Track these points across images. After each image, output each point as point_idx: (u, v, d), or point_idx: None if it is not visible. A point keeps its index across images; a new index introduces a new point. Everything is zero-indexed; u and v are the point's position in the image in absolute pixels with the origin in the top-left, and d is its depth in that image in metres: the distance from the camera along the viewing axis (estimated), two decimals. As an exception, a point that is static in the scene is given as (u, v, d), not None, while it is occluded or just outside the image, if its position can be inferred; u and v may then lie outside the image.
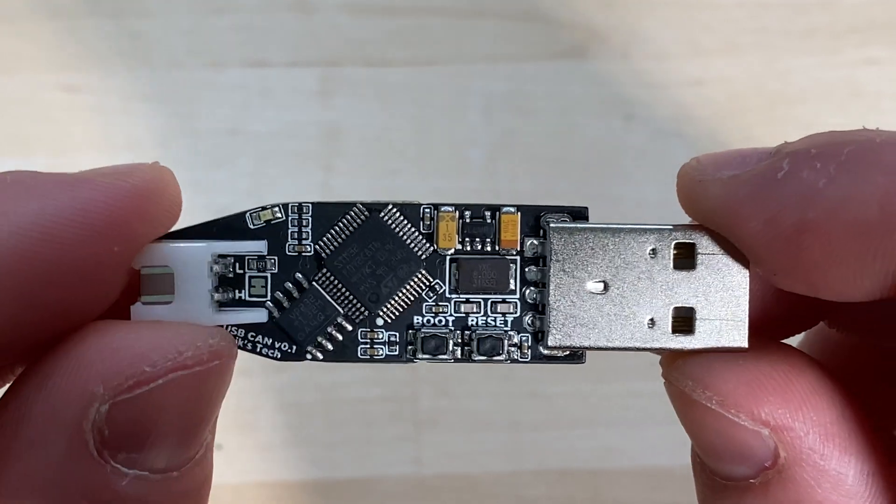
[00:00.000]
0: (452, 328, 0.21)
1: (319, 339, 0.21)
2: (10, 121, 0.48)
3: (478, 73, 0.49)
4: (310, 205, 0.21)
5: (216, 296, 0.20)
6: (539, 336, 0.21)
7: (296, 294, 0.21)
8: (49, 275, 0.18)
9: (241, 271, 0.21)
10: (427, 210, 0.21)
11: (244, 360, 0.20)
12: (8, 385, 0.19)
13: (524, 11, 0.49)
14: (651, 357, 0.53)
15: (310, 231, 0.21)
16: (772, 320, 0.21)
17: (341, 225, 0.21)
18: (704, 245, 0.20)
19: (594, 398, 0.47)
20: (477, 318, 0.21)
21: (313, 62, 0.49)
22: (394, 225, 0.21)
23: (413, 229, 0.21)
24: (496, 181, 0.48)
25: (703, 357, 0.20)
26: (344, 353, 0.21)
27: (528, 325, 0.21)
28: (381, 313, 0.21)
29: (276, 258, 0.21)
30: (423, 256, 0.21)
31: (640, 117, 0.48)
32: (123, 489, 0.17)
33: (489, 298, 0.21)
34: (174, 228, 0.20)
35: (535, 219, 0.21)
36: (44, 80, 0.48)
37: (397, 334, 0.21)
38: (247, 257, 0.21)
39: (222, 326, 0.20)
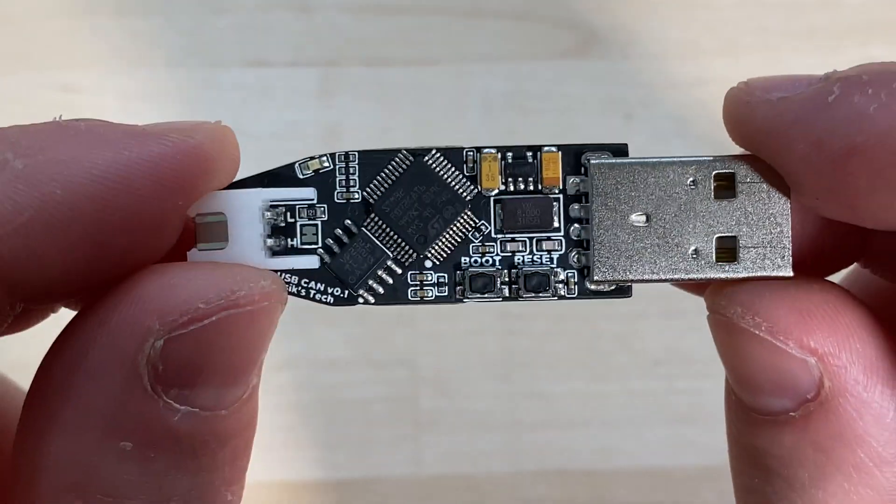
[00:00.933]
0: (500, 267, 0.21)
1: (370, 282, 0.21)
2: (10, 121, 0.48)
3: (478, 73, 0.49)
4: (356, 153, 0.21)
5: (269, 241, 0.21)
6: (585, 272, 0.21)
7: (346, 239, 0.21)
8: (117, 221, 0.18)
9: (293, 220, 0.21)
10: (470, 153, 0.21)
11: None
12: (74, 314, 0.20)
13: (524, 11, 0.49)
14: (651, 356, 0.52)
15: (357, 178, 0.21)
16: (807, 256, 0.21)
17: (387, 171, 0.21)
18: (744, 174, 0.20)
19: (594, 398, 0.47)
20: (523, 256, 0.21)
21: (313, 62, 0.49)
22: (438, 168, 0.21)
23: (456, 172, 0.21)
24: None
25: (753, 284, 0.20)
26: (395, 295, 0.21)
27: (574, 261, 0.21)
28: (430, 255, 0.21)
29: (325, 206, 0.21)
30: (468, 198, 0.21)
31: (640, 117, 0.48)
32: (175, 424, 0.18)
33: (534, 236, 0.21)
34: None
35: (575, 157, 0.21)
36: (44, 80, 0.48)
37: (445, 275, 0.21)
38: (297, 206, 0.21)
39: (275, 272, 0.21)
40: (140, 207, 0.19)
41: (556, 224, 0.21)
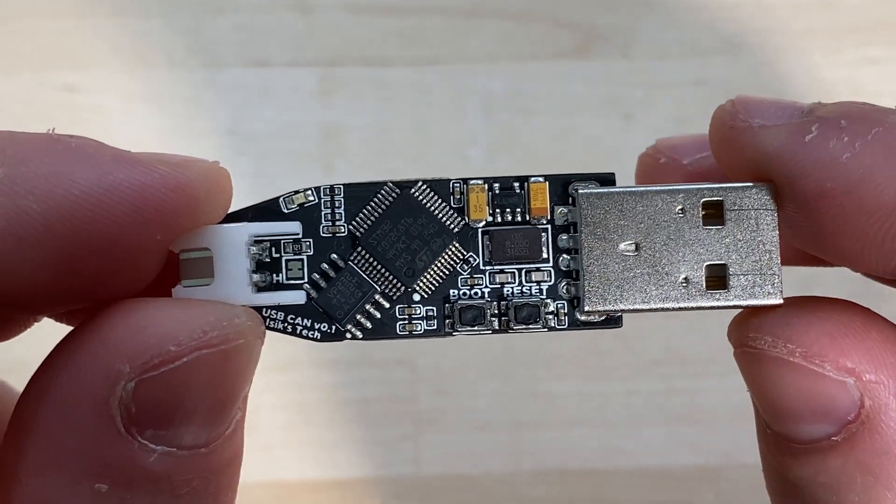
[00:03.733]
0: (489, 299, 0.21)
1: (358, 317, 0.21)
2: (11, 121, 0.48)
3: (478, 73, 0.49)
4: (341, 186, 0.21)
5: (255, 277, 0.20)
6: (575, 302, 0.21)
7: (332, 274, 0.21)
8: (90, 244, 0.18)
9: (278, 255, 0.21)
10: (456, 185, 0.21)
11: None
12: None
13: (524, 11, 0.49)
14: (650, 356, 0.52)
15: (342, 212, 0.21)
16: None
17: (373, 204, 0.21)
18: (732, 201, 0.20)
19: (594, 398, 0.47)
20: (512, 287, 0.21)
21: (313, 62, 0.49)
22: (424, 200, 0.21)
23: (443, 204, 0.21)
24: (496, 181, 0.48)
25: (781, 312, 0.20)
26: (383, 329, 0.21)
27: (564, 292, 0.21)
28: (418, 288, 0.21)
29: (311, 240, 0.21)
30: (455, 229, 0.21)
31: (640, 117, 0.48)
32: (151, 465, 0.18)
33: (523, 267, 0.21)
34: None
35: (563, 187, 0.21)
36: (44, 80, 0.48)
37: (434, 309, 0.21)
38: (282, 241, 0.21)
39: (261, 308, 0.20)
40: (115, 235, 0.18)
41: (544, 255, 0.21)
